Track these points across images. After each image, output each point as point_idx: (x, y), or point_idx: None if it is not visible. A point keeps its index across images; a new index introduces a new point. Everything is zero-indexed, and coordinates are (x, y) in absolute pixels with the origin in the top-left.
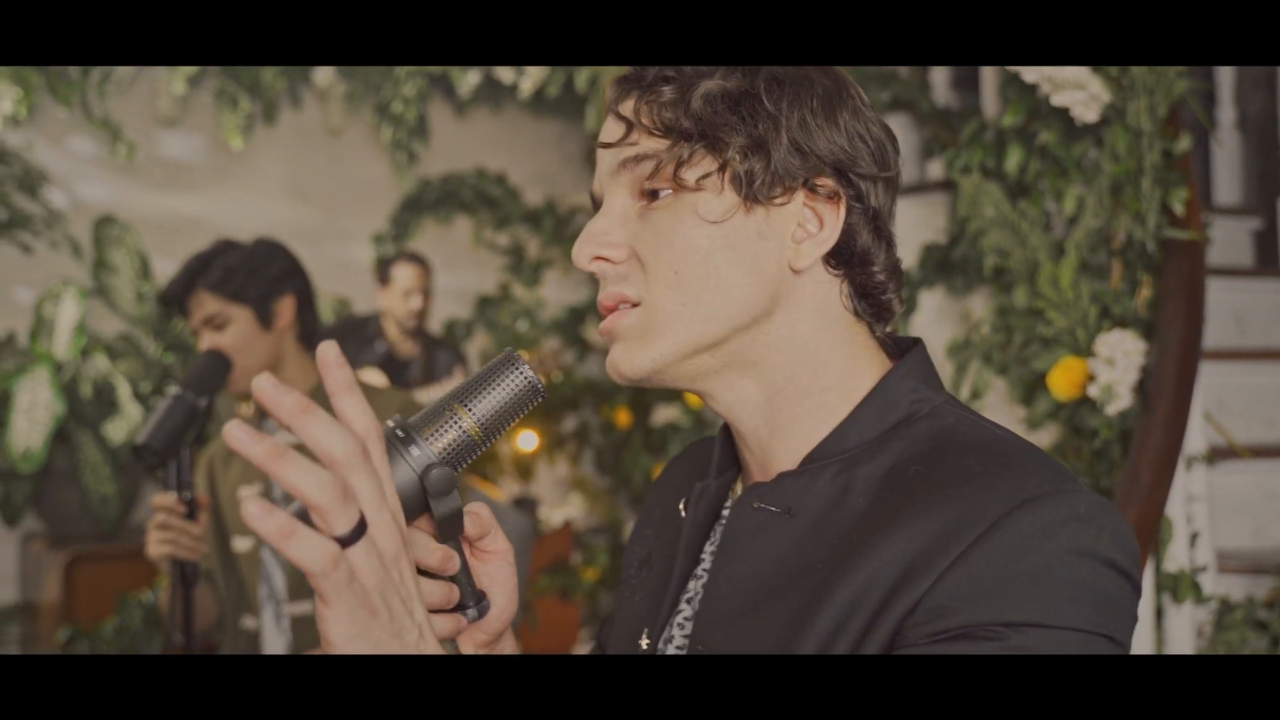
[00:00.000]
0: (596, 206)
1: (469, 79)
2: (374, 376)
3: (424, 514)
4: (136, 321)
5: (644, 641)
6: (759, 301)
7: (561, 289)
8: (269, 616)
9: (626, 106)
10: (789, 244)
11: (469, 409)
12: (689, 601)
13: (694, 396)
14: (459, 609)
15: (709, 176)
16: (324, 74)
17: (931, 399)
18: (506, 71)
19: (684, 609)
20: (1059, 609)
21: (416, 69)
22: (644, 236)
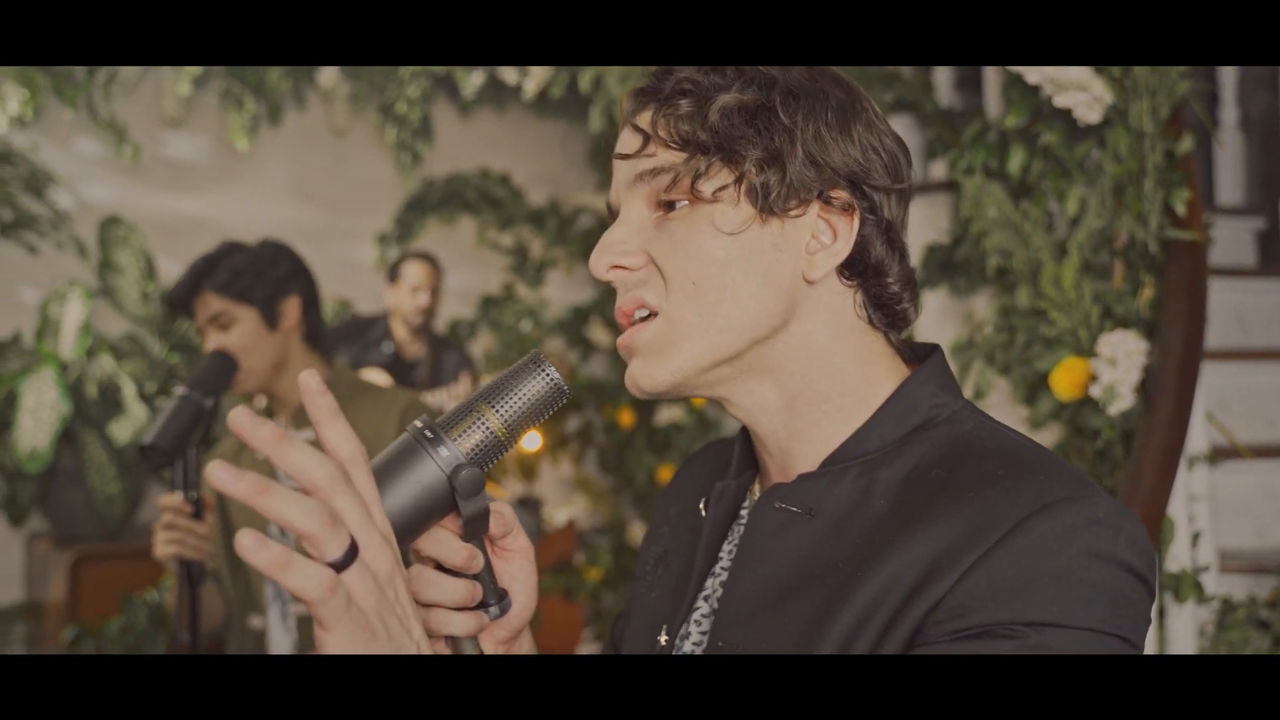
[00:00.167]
0: (613, 216)
1: (473, 80)
2: (379, 377)
3: (450, 513)
4: (141, 322)
5: (663, 637)
6: (774, 312)
7: (565, 289)
8: (275, 616)
9: (644, 119)
10: (803, 255)
11: (496, 410)
12: (706, 599)
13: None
14: (482, 606)
15: (725, 188)
16: (329, 75)
17: (950, 404)
18: (510, 72)
19: (701, 606)
20: (1077, 610)
21: (421, 70)
22: (661, 246)
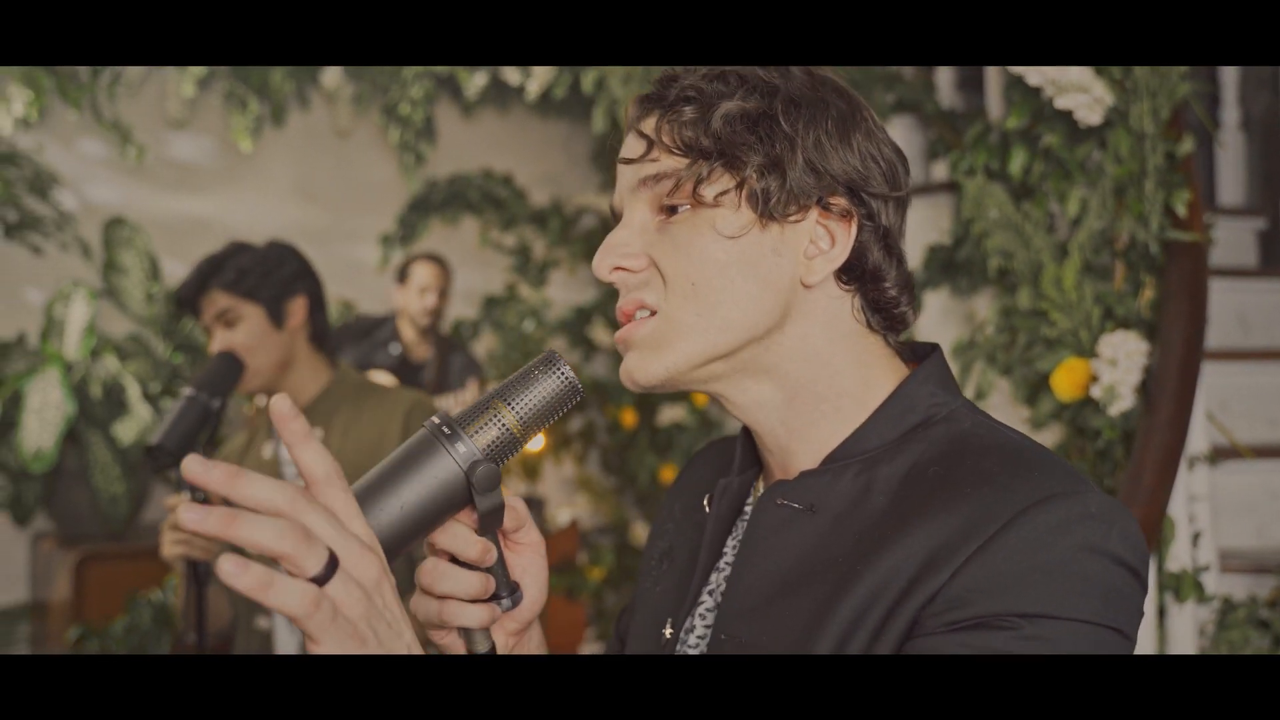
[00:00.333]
0: (616, 219)
1: (476, 80)
2: (385, 379)
3: (466, 508)
4: (146, 322)
5: (667, 630)
6: (771, 314)
7: (567, 289)
8: (281, 617)
9: (648, 124)
10: (801, 260)
11: (511, 407)
12: (710, 593)
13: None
14: (494, 599)
15: (727, 193)
16: (332, 76)
17: (949, 403)
18: (513, 73)
19: (705, 600)
20: (1070, 601)
21: (424, 71)
22: (663, 248)
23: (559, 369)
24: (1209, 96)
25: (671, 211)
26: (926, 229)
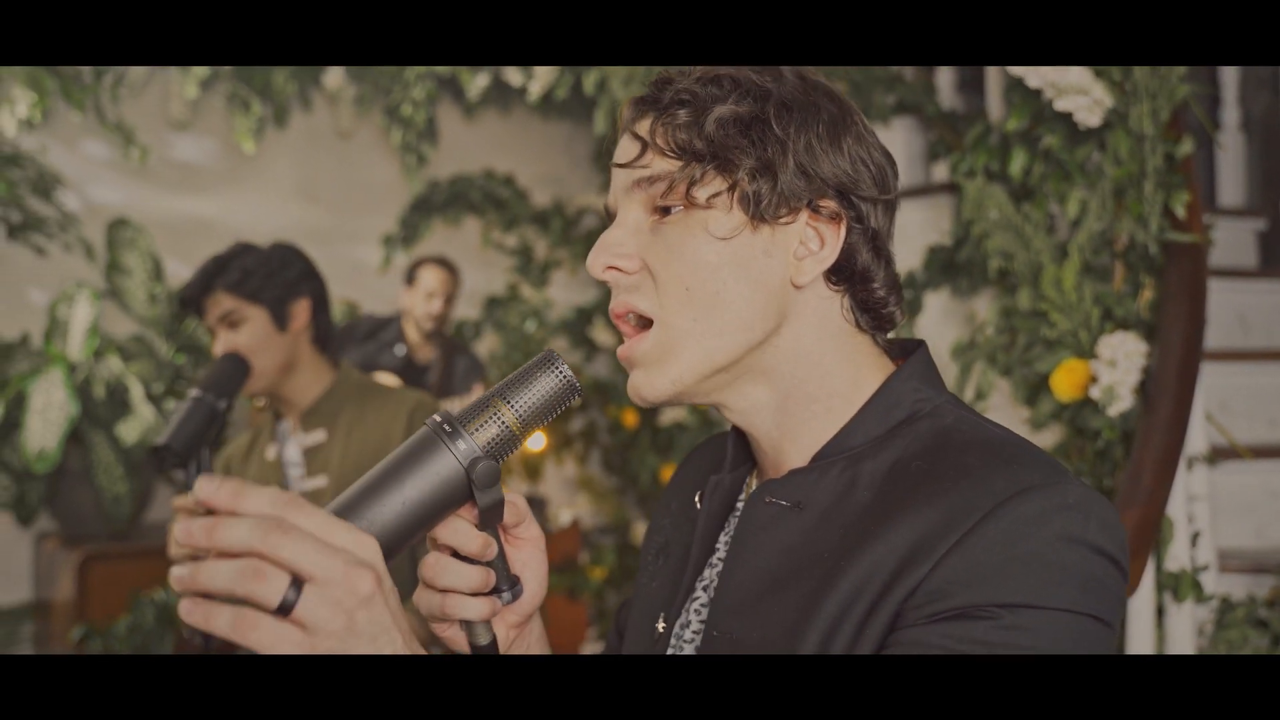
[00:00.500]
0: (610, 219)
1: (478, 82)
2: (389, 380)
3: (467, 503)
4: (149, 323)
5: (660, 625)
6: (765, 316)
7: (569, 290)
8: None
9: (642, 127)
10: (791, 261)
11: (511, 405)
12: (705, 589)
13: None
14: (495, 592)
15: (719, 195)
16: (334, 77)
17: (933, 398)
18: (515, 74)
19: (700, 595)
20: (1049, 591)
21: (426, 72)
22: (655, 250)
23: (557, 368)
24: (1209, 97)
25: (665, 213)
26: (927, 230)
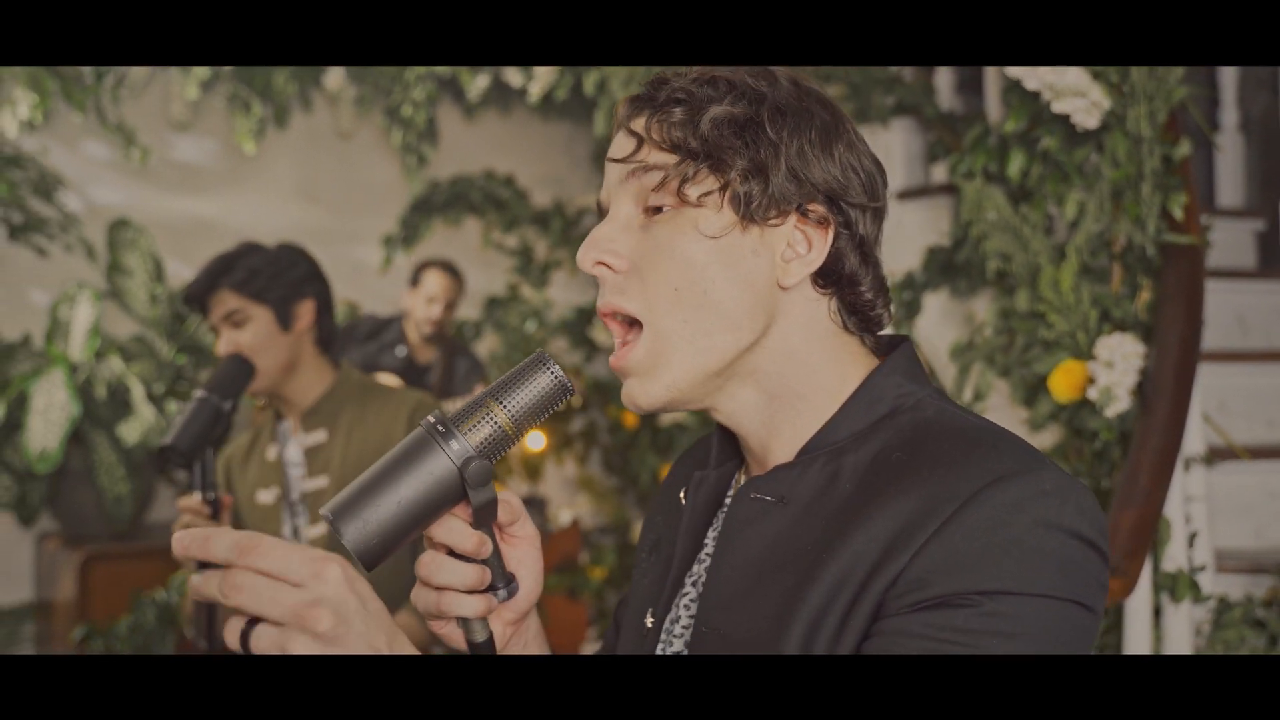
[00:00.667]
0: (602, 215)
1: (478, 82)
2: (390, 381)
3: (461, 502)
4: (150, 323)
5: (648, 620)
6: (753, 316)
7: (569, 290)
8: None
9: (638, 123)
10: (779, 262)
11: (503, 405)
12: (694, 585)
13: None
14: (490, 590)
15: (710, 194)
16: (334, 78)
17: (915, 392)
18: (515, 75)
19: (689, 591)
20: (1028, 577)
21: (426, 73)
22: (645, 249)
23: (549, 368)
24: (1208, 98)
25: (656, 211)
26: (926, 231)
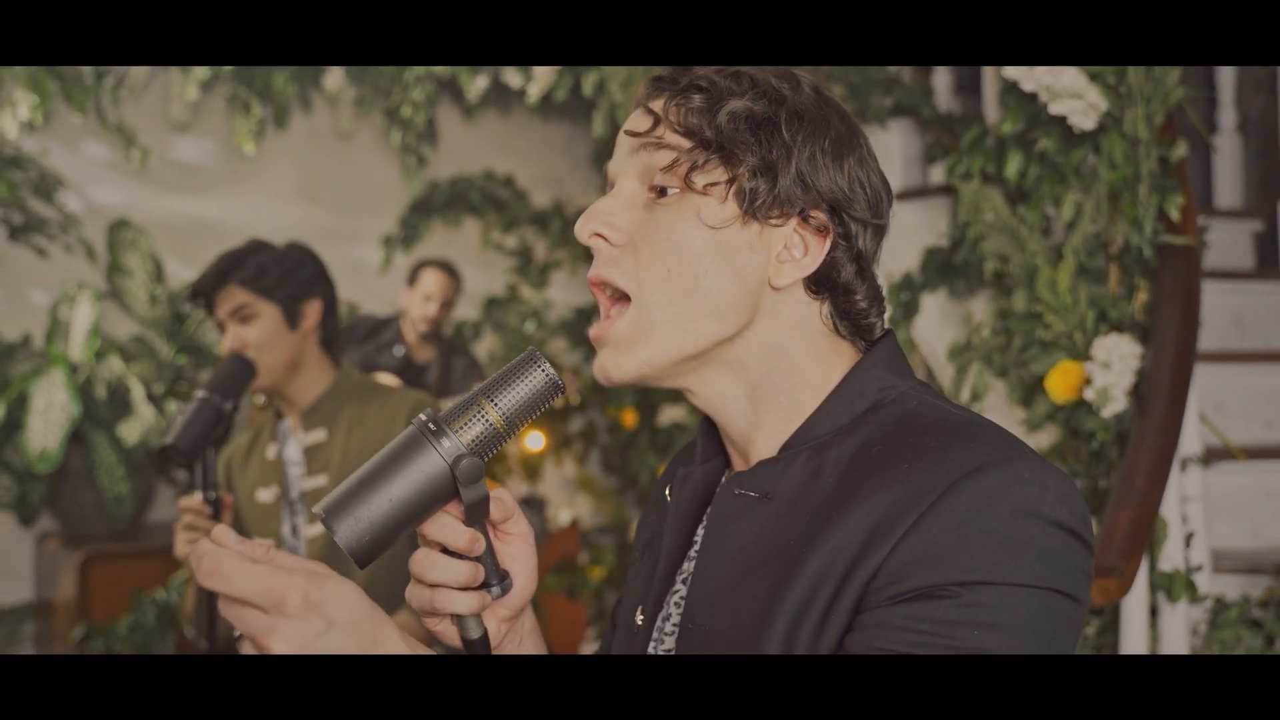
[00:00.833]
0: (609, 188)
1: (477, 83)
2: (388, 380)
3: (453, 500)
4: (150, 324)
5: (639, 617)
6: (739, 309)
7: (569, 290)
8: None
9: (657, 103)
10: (773, 262)
11: (495, 403)
12: (684, 581)
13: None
14: (484, 587)
15: (717, 185)
16: (334, 79)
17: (898, 386)
18: (514, 75)
19: (680, 589)
20: (1007, 567)
21: (425, 73)
22: (645, 228)
23: (540, 366)
24: (1206, 99)
25: (661, 194)
26: (924, 232)
